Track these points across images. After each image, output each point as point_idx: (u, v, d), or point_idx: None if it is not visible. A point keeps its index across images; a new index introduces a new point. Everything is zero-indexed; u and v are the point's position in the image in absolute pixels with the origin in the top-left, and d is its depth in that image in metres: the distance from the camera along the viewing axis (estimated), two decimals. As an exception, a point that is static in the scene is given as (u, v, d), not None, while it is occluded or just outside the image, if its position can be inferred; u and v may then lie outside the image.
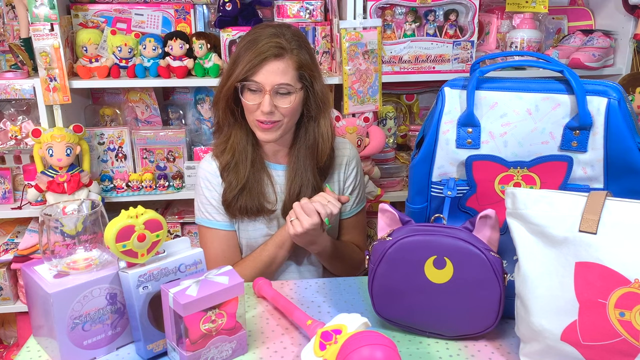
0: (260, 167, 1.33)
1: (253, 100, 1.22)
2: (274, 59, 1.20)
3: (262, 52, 1.19)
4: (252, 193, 1.31)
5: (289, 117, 1.24)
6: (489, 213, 0.89)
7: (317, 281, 1.18)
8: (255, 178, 1.31)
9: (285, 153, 1.36)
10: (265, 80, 1.20)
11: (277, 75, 1.20)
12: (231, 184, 1.31)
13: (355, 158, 1.43)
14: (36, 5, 1.68)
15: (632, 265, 0.74)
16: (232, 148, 1.31)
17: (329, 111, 1.34)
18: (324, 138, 1.31)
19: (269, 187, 1.34)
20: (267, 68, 1.20)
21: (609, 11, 2.08)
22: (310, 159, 1.32)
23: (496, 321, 0.91)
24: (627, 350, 0.74)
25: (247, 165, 1.30)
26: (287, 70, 1.21)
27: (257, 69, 1.20)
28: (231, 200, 1.31)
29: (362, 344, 0.77)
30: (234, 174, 1.31)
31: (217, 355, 0.88)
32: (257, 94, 1.22)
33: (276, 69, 1.20)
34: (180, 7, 1.96)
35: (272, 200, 1.34)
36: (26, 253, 1.87)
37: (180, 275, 0.91)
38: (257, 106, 1.22)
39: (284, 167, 1.36)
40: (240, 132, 1.31)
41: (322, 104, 1.30)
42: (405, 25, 1.93)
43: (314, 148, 1.32)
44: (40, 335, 0.93)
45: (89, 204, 0.95)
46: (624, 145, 0.88)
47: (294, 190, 1.32)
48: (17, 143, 1.90)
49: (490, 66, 0.95)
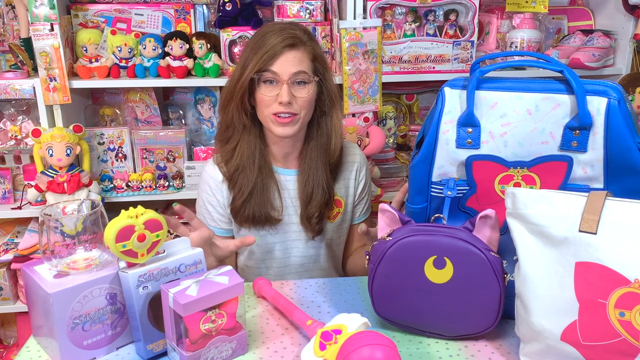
0: (268, 174, 1.30)
1: (270, 92, 1.20)
2: (289, 49, 1.19)
3: (277, 43, 1.18)
4: (259, 200, 1.28)
5: (306, 109, 1.23)
6: (489, 213, 0.89)
7: (317, 281, 1.18)
8: (263, 184, 1.29)
9: (296, 156, 1.33)
10: (282, 69, 1.18)
11: (294, 65, 1.19)
12: (239, 190, 1.28)
13: (365, 164, 1.43)
14: (36, 5, 1.68)
15: (632, 265, 0.74)
16: (239, 154, 1.28)
17: (340, 106, 1.33)
18: (336, 132, 1.30)
19: (275, 194, 1.31)
20: (284, 57, 1.19)
21: (609, 11, 2.08)
22: (322, 156, 1.30)
23: (496, 321, 0.91)
24: (627, 350, 0.74)
25: (254, 171, 1.28)
26: (303, 59, 1.21)
27: (274, 59, 1.18)
28: (239, 208, 1.28)
29: (362, 344, 0.77)
30: (241, 180, 1.28)
31: (217, 355, 0.88)
32: (274, 86, 1.20)
33: (292, 58, 1.19)
34: (180, 7, 1.96)
35: (278, 208, 1.31)
36: (26, 253, 1.87)
37: (180, 275, 0.91)
38: (274, 98, 1.19)
39: (295, 172, 1.33)
40: (249, 137, 1.28)
41: (335, 98, 1.29)
42: (405, 25, 1.93)
43: (327, 145, 1.30)
44: (40, 335, 0.93)
45: (89, 204, 0.95)
46: (624, 145, 0.88)
47: (307, 193, 1.30)
48: (17, 143, 1.90)
49: (490, 66, 0.95)
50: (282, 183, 1.33)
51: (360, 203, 1.43)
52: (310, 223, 1.31)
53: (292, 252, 1.36)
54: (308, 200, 1.30)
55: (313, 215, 1.30)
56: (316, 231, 1.33)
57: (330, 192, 1.32)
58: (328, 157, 1.31)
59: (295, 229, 1.35)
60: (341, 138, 1.33)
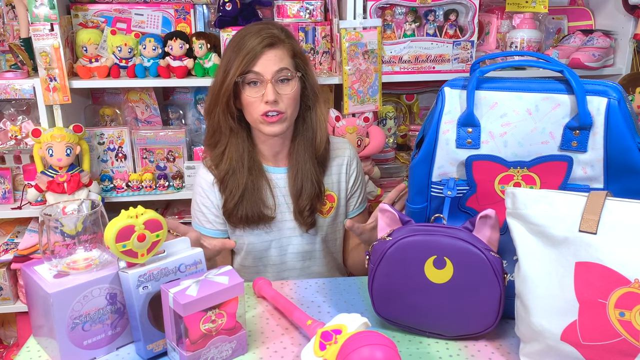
0: (258, 173, 1.32)
1: (255, 94, 1.22)
2: (269, 48, 1.21)
3: (256, 44, 1.20)
4: (251, 200, 1.30)
5: (292, 107, 1.25)
6: (489, 213, 0.89)
7: (317, 281, 1.18)
8: (254, 185, 1.31)
9: (285, 154, 1.36)
10: (264, 69, 1.21)
11: (276, 63, 1.22)
12: (231, 192, 1.30)
13: (355, 158, 1.45)
14: (36, 5, 1.68)
15: (632, 265, 0.74)
16: (228, 158, 1.30)
17: (322, 99, 1.36)
18: (320, 125, 1.33)
19: (267, 192, 1.33)
20: (265, 57, 1.21)
21: (609, 11, 2.08)
22: (309, 150, 1.33)
23: (496, 321, 0.91)
24: (627, 350, 0.74)
25: (244, 173, 1.30)
26: (283, 57, 1.23)
27: (255, 60, 1.21)
28: (232, 210, 1.30)
29: (362, 344, 0.77)
30: (232, 183, 1.30)
31: (217, 355, 0.88)
32: (258, 87, 1.22)
33: (273, 57, 1.22)
34: (180, 7, 1.96)
35: (271, 206, 1.33)
36: (26, 253, 1.87)
37: (180, 275, 0.91)
38: (260, 99, 1.22)
39: (285, 170, 1.36)
40: (237, 140, 1.30)
41: (317, 91, 1.33)
42: (405, 25, 1.93)
43: (312, 139, 1.33)
44: (40, 335, 0.93)
45: (89, 204, 0.95)
46: (624, 145, 0.88)
47: (297, 188, 1.32)
48: (17, 143, 1.90)
49: (490, 66, 0.95)
50: (274, 181, 1.35)
51: (353, 197, 1.45)
52: (302, 216, 1.34)
53: (288, 249, 1.37)
54: (298, 195, 1.32)
55: (305, 208, 1.33)
56: (309, 224, 1.35)
57: (320, 185, 1.35)
58: (314, 151, 1.33)
59: (290, 226, 1.36)
60: (326, 131, 1.35)
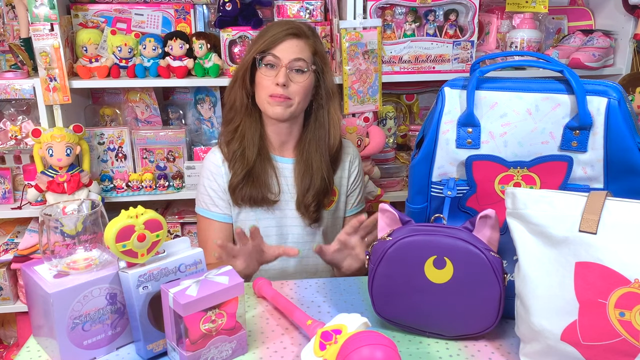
0: (266, 158, 1.36)
1: (269, 74, 1.27)
2: (292, 37, 1.28)
3: (281, 31, 1.27)
4: (256, 183, 1.34)
5: (300, 96, 1.29)
6: (489, 213, 0.89)
7: (317, 281, 1.18)
8: (261, 167, 1.35)
9: (292, 146, 1.39)
10: (283, 54, 1.26)
11: (295, 52, 1.27)
12: (237, 169, 1.34)
13: (357, 157, 1.49)
14: (36, 5, 1.68)
15: (632, 265, 0.74)
16: (240, 135, 1.35)
17: (338, 102, 1.39)
18: (334, 126, 1.37)
19: (273, 178, 1.37)
20: (286, 44, 1.27)
21: (609, 11, 2.08)
22: (321, 148, 1.36)
23: (496, 321, 0.91)
24: (627, 350, 0.74)
25: (254, 151, 1.34)
26: (304, 49, 1.29)
27: (276, 44, 1.27)
28: (236, 186, 1.34)
29: (362, 344, 0.77)
30: (240, 160, 1.34)
31: (217, 355, 0.88)
32: (273, 70, 1.28)
33: (294, 46, 1.27)
34: (180, 7, 1.96)
35: (276, 192, 1.37)
36: (26, 253, 1.87)
37: (180, 275, 0.91)
38: (271, 80, 1.27)
39: (292, 161, 1.39)
40: (250, 120, 1.35)
41: (333, 94, 1.36)
42: (405, 25, 1.93)
43: (326, 137, 1.36)
44: (40, 335, 0.93)
45: (89, 204, 0.95)
46: (624, 145, 0.88)
47: (305, 185, 1.35)
48: (17, 143, 1.90)
49: (490, 66, 0.95)
50: (280, 170, 1.38)
51: (352, 194, 1.48)
52: (307, 211, 1.36)
53: (289, 237, 1.40)
54: (306, 189, 1.35)
55: (310, 204, 1.36)
56: (313, 219, 1.38)
57: (330, 182, 1.38)
58: (328, 149, 1.37)
59: (292, 215, 1.39)
60: (340, 132, 1.39)
